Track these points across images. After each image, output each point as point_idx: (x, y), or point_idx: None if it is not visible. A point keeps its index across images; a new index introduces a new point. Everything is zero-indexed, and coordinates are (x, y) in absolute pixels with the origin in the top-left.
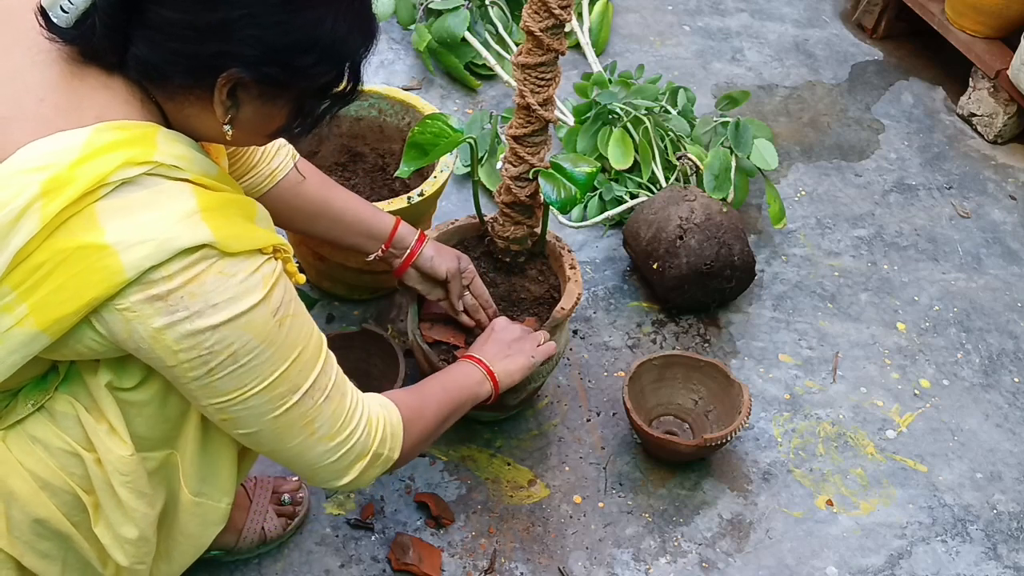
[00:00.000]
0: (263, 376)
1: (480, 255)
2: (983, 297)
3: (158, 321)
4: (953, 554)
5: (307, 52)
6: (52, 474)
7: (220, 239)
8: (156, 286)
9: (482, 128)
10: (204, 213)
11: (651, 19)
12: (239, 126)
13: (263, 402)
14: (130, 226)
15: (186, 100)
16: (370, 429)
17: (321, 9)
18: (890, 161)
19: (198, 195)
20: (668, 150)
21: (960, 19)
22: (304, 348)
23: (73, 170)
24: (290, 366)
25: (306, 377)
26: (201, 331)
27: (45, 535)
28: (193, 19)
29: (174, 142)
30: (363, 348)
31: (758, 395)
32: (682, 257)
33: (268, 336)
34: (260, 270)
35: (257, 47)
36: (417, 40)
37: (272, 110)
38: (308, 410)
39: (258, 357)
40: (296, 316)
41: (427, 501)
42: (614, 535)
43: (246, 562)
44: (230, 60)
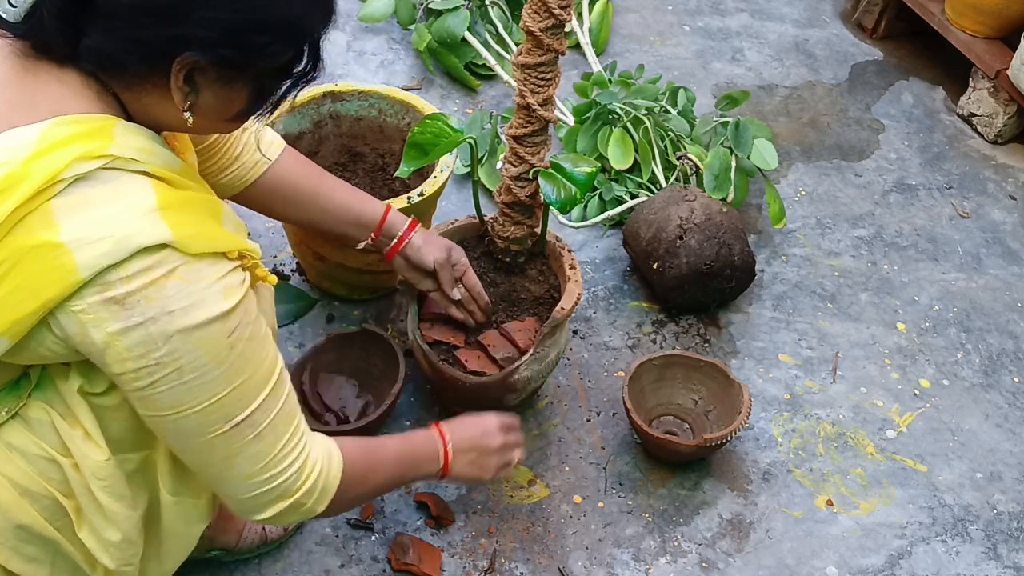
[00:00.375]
0: (201, 399)
1: (480, 255)
2: (983, 297)
3: (113, 326)
4: (953, 554)
5: (263, 31)
6: (31, 480)
7: (179, 238)
8: (114, 288)
9: (482, 128)
10: (163, 211)
11: (651, 19)
12: (199, 112)
13: (194, 424)
14: (86, 223)
15: (143, 89)
16: (299, 476)
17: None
18: (890, 161)
19: (158, 191)
20: (668, 150)
21: (960, 19)
22: (249, 377)
23: (27, 166)
24: (229, 393)
25: (242, 409)
26: (154, 339)
27: (30, 540)
28: (143, 3)
29: (133, 134)
30: (363, 348)
31: (758, 395)
32: (682, 257)
33: (217, 355)
34: (224, 279)
35: (211, 29)
36: (417, 40)
37: (231, 93)
38: (233, 443)
39: (202, 377)
40: (251, 341)
41: (427, 501)
42: (614, 535)
43: (246, 562)
44: (184, 44)
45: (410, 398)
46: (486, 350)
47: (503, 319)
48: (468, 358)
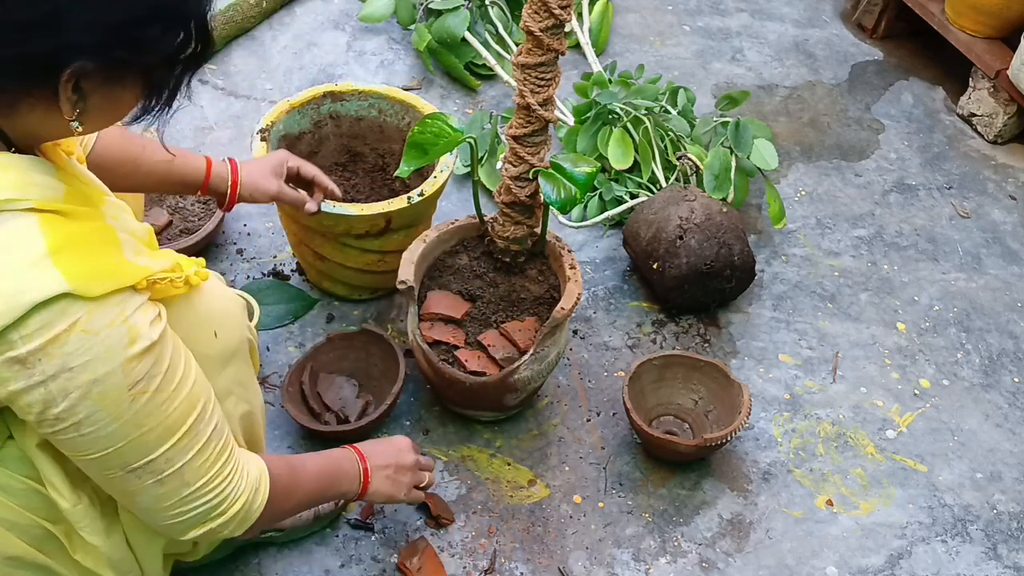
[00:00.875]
0: (97, 448)
1: (480, 255)
2: (983, 297)
3: (14, 385)
4: (953, 554)
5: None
6: (16, 514)
7: (76, 285)
8: (15, 347)
9: (482, 128)
10: (55, 255)
11: (651, 19)
12: (89, 119)
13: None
14: None
15: (21, 107)
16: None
17: None
18: (890, 161)
19: (46, 231)
20: (668, 150)
21: (960, 19)
22: (149, 430)
23: None
24: (124, 445)
25: (140, 457)
26: (53, 397)
27: (22, 567)
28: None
29: (5, 169)
30: (363, 348)
31: (758, 395)
32: (682, 257)
33: (115, 410)
34: (130, 319)
35: (96, 32)
36: (417, 40)
37: (121, 92)
38: (130, 486)
39: (99, 431)
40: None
41: (427, 501)
42: (614, 535)
43: (246, 562)
44: (70, 53)
45: (410, 398)
46: (486, 350)
47: (503, 319)
48: (468, 358)
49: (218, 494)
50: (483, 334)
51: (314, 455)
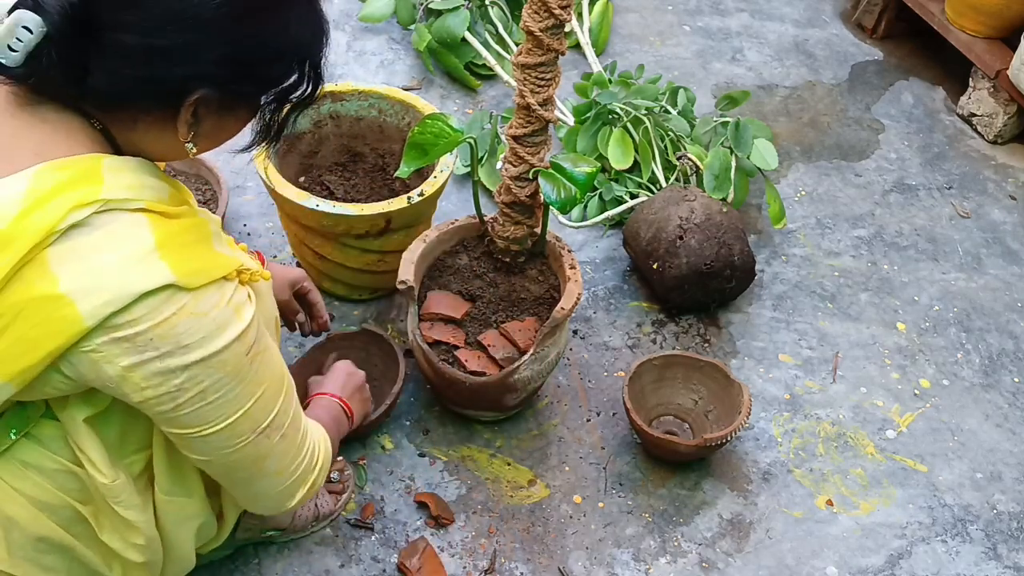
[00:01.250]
0: (227, 413)
1: (480, 255)
2: (983, 297)
3: (125, 360)
4: (953, 554)
5: (274, 61)
6: (50, 495)
7: (181, 276)
8: (121, 329)
9: (482, 128)
10: (162, 250)
11: (651, 19)
12: (199, 141)
13: (223, 439)
14: (84, 272)
15: (141, 124)
16: (312, 460)
17: (283, 15)
18: (890, 161)
19: (154, 228)
20: (668, 150)
21: (960, 19)
22: (269, 385)
23: (18, 225)
24: (254, 403)
25: (267, 415)
26: (171, 370)
27: (48, 550)
28: (155, 43)
29: (121, 171)
30: (363, 348)
31: (758, 395)
32: (682, 257)
33: (239, 372)
34: (231, 301)
35: (225, 66)
36: (417, 40)
37: (230, 121)
38: (262, 448)
39: (227, 394)
40: (266, 351)
41: (427, 501)
42: (614, 535)
43: (246, 562)
44: (198, 82)
45: (410, 398)
46: (486, 350)
47: (503, 319)
48: (468, 358)
49: (310, 442)
50: (483, 334)
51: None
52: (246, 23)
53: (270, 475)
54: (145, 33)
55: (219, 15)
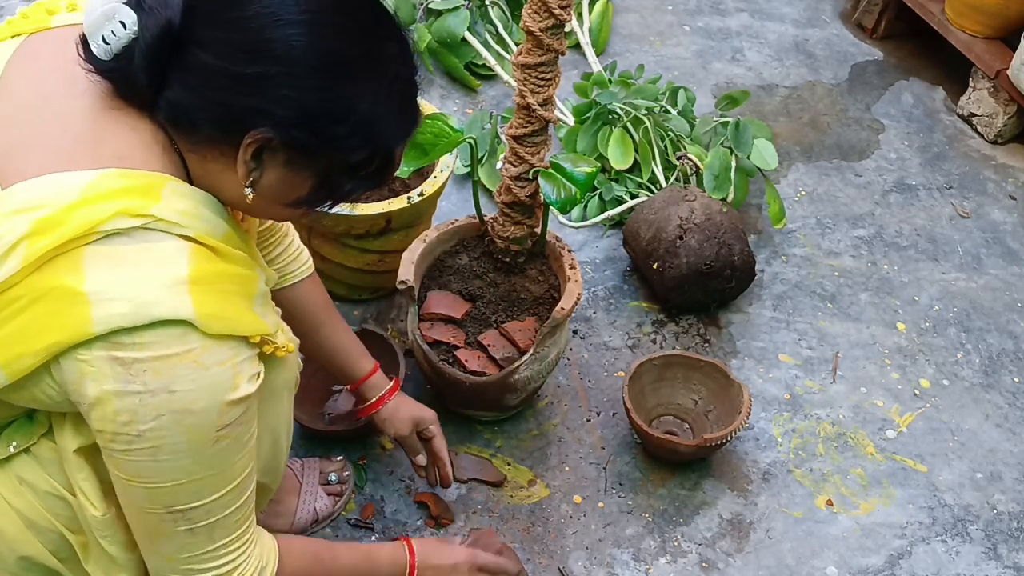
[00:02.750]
0: (162, 479)
1: (480, 255)
2: (983, 297)
3: (110, 385)
4: (953, 554)
5: (340, 123)
6: (39, 515)
7: (201, 317)
8: (123, 350)
9: (482, 128)
10: (193, 285)
11: (651, 19)
12: (260, 191)
13: (140, 496)
14: (112, 278)
15: (210, 154)
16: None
17: (363, 82)
18: (890, 161)
19: (193, 261)
20: (668, 150)
21: (960, 19)
22: (212, 475)
23: (67, 213)
24: (188, 483)
25: (189, 501)
26: (146, 411)
27: (31, 569)
28: (231, 68)
29: (182, 196)
30: None
31: (758, 395)
32: (682, 257)
33: (199, 446)
34: (238, 367)
35: (290, 108)
36: (417, 40)
37: (296, 179)
38: (164, 527)
39: (174, 462)
40: (235, 442)
41: (427, 501)
42: (614, 535)
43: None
44: (261, 117)
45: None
46: (486, 350)
47: (503, 319)
48: (468, 358)
49: (230, 560)
50: (483, 334)
51: (354, 547)
52: (321, 74)
53: (160, 556)
54: (224, 57)
55: (297, 58)
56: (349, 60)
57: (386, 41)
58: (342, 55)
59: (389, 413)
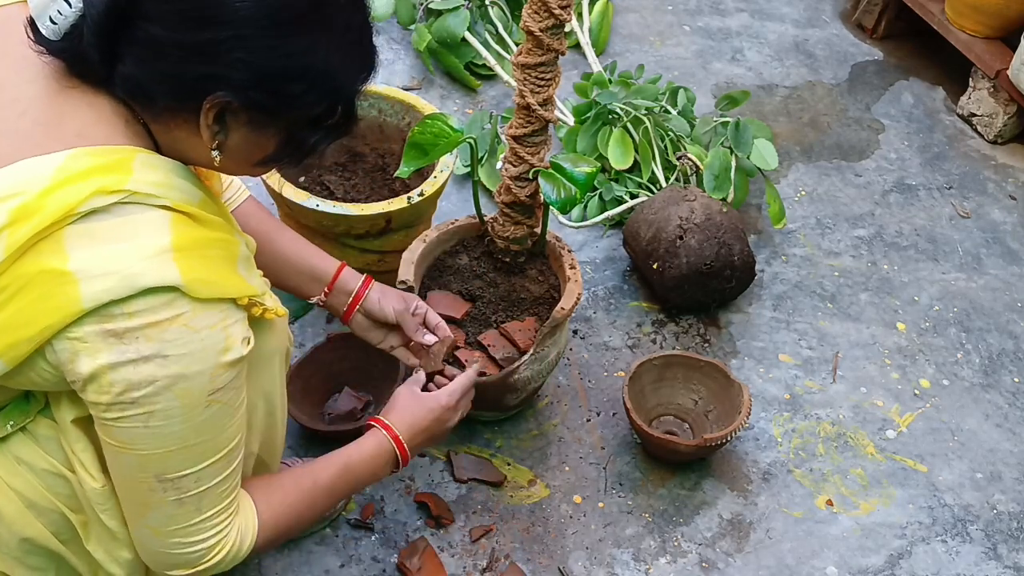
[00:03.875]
0: (152, 445)
1: (480, 255)
2: (983, 297)
3: (105, 358)
4: (953, 554)
5: (297, 80)
6: (39, 495)
7: (188, 282)
8: (115, 320)
9: (482, 128)
10: (177, 252)
11: (651, 19)
12: (227, 153)
13: (132, 463)
14: (95, 255)
15: (172, 122)
16: (207, 554)
17: (314, 36)
18: (890, 161)
19: (175, 230)
20: (668, 150)
21: (960, 19)
22: (203, 441)
23: (42, 199)
24: (178, 450)
25: (178, 469)
26: (141, 378)
27: (34, 551)
28: (180, 38)
29: (152, 168)
30: (363, 348)
31: (758, 395)
32: (682, 257)
33: (191, 411)
34: (228, 328)
35: (245, 71)
36: (417, 40)
37: (261, 139)
38: (152, 497)
39: (165, 428)
40: (226, 407)
41: (427, 501)
42: (614, 535)
43: (246, 562)
44: (216, 83)
45: None
46: (486, 350)
47: (503, 319)
48: (468, 358)
49: (215, 534)
50: (483, 334)
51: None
52: (269, 32)
53: (148, 528)
54: (172, 27)
55: (246, 19)
56: (297, 16)
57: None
58: (290, 12)
59: (379, 294)
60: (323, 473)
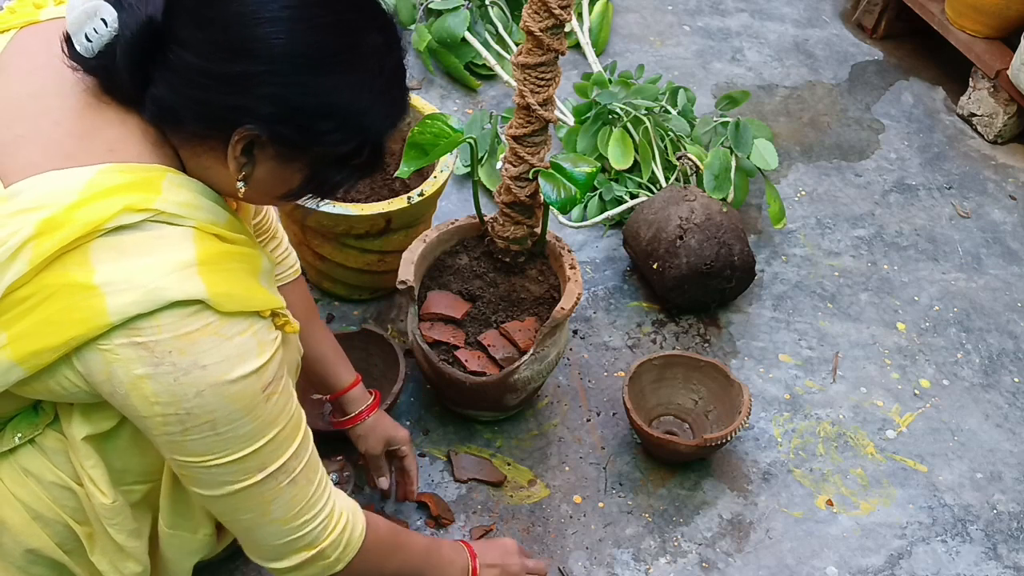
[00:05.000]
0: (236, 448)
1: (480, 255)
2: (983, 297)
3: (140, 369)
4: (953, 554)
5: (326, 117)
6: (45, 507)
7: (214, 296)
8: (143, 334)
9: (482, 128)
10: (201, 266)
11: (651, 19)
12: (252, 185)
13: (228, 472)
14: (121, 269)
15: (200, 148)
16: (328, 525)
17: (346, 76)
18: (890, 161)
19: (199, 245)
20: (668, 150)
21: (960, 19)
22: (284, 427)
23: (70, 213)
24: (265, 444)
25: (278, 457)
26: (184, 390)
27: (38, 562)
28: (213, 67)
29: (180, 188)
30: (363, 348)
31: (758, 395)
32: (682, 257)
33: (253, 408)
34: (258, 334)
35: (274, 105)
36: (417, 40)
37: (287, 173)
38: (269, 490)
39: (238, 429)
40: (283, 393)
41: (427, 501)
42: (614, 535)
43: (246, 561)
44: (245, 115)
45: (410, 398)
46: (486, 350)
47: (503, 319)
48: (468, 358)
49: (327, 499)
50: (483, 334)
51: (421, 535)
52: (301, 69)
53: (274, 521)
54: (205, 56)
55: (280, 55)
56: (332, 55)
57: (369, 32)
58: (324, 50)
59: (365, 430)
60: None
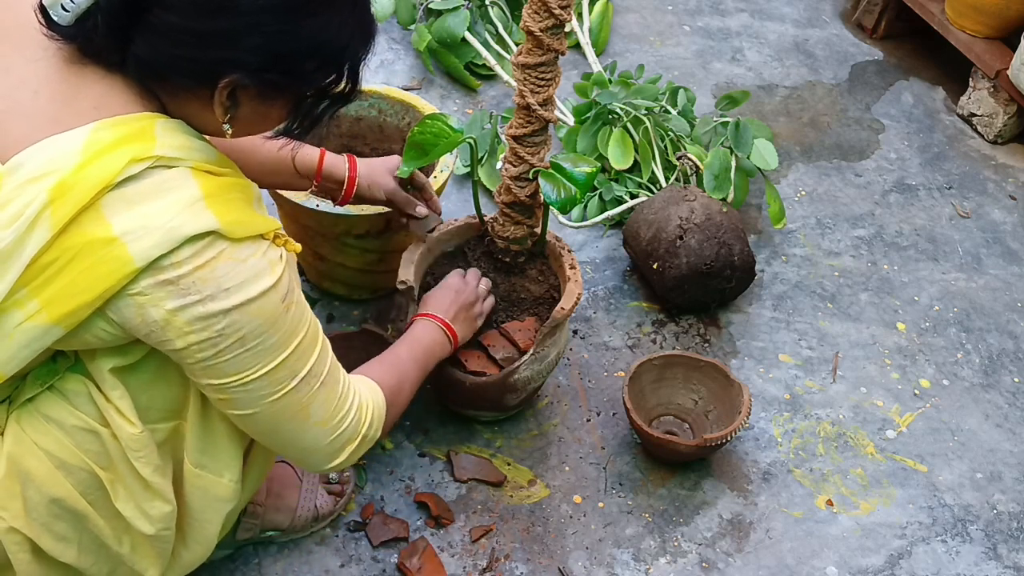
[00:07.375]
0: (266, 360)
1: (480, 255)
2: (983, 297)
3: (170, 303)
4: (953, 554)
5: (310, 58)
6: (68, 453)
7: (225, 225)
8: (166, 272)
9: (482, 128)
10: (208, 200)
11: (651, 19)
12: (237, 125)
13: (263, 385)
14: (135, 217)
15: (185, 99)
16: (361, 413)
17: (325, 15)
18: (890, 161)
19: (201, 181)
20: (668, 150)
21: (960, 19)
22: (305, 334)
23: (78, 174)
24: (292, 352)
25: (305, 363)
26: (213, 314)
27: (61, 516)
28: (196, 26)
29: (173, 132)
30: (363, 348)
31: (758, 395)
32: (682, 257)
33: (276, 321)
34: (267, 255)
35: (260, 55)
36: (417, 40)
37: (270, 110)
38: (304, 395)
39: (264, 341)
40: (299, 303)
41: (427, 501)
42: (614, 535)
43: (246, 562)
44: (231, 67)
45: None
46: (486, 350)
47: (503, 319)
48: (468, 358)
49: (353, 391)
50: (483, 334)
51: (399, 344)
52: (284, 17)
53: (316, 424)
54: (188, 16)
55: (258, 6)
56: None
57: None
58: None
59: (367, 175)
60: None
